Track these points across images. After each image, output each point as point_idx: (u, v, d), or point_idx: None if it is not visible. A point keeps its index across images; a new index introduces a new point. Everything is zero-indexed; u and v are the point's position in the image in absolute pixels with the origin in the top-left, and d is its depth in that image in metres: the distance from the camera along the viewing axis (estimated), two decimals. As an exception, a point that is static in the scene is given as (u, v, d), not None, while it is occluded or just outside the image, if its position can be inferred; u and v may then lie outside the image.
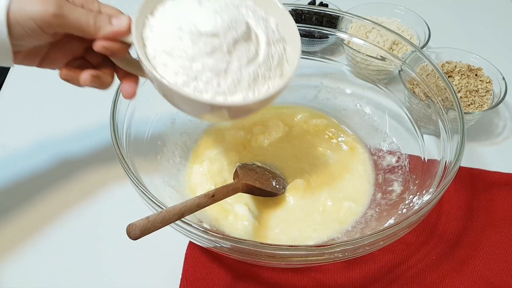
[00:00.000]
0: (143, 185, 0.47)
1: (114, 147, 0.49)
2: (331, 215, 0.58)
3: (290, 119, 0.69)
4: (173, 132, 0.64)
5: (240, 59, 0.42)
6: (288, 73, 0.45)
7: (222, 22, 0.41)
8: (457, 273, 0.55)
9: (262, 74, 0.44)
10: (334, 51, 0.77)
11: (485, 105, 0.68)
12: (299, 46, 0.46)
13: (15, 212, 0.59)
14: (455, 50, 0.74)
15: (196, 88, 0.41)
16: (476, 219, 0.60)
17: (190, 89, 0.41)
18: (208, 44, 0.41)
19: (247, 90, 0.43)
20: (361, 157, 0.65)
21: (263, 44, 0.44)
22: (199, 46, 0.41)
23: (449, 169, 0.50)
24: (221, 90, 0.42)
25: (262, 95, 0.43)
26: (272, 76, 0.45)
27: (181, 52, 0.41)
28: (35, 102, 0.73)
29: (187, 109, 0.44)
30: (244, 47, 0.43)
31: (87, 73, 0.45)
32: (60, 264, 0.55)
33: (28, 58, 0.45)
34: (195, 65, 0.41)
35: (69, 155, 0.65)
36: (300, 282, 0.54)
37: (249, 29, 0.43)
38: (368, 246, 0.44)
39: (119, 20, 0.43)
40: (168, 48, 0.41)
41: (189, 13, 0.42)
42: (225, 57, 0.42)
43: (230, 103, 0.42)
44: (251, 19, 0.45)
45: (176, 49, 0.41)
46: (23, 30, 0.40)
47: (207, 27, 0.41)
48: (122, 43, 0.43)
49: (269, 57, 0.44)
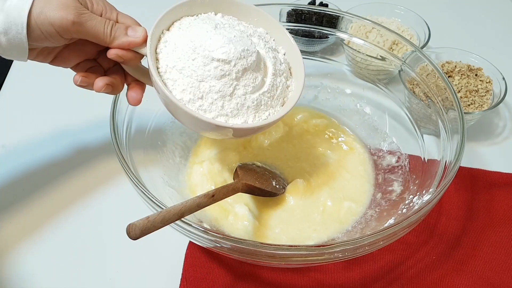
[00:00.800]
0: (143, 185, 0.47)
1: (114, 147, 0.49)
2: (331, 215, 0.58)
3: (290, 119, 0.69)
4: (173, 132, 0.64)
5: (246, 86, 0.45)
6: (289, 104, 0.49)
7: (235, 51, 0.43)
8: (457, 273, 0.55)
9: (265, 101, 0.46)
10: (334, 51, 0.77)
11: (485, 105, 0.68)
12: (302, 78, 0.49)
13: (14, 213, 0.59)
14: (455, 50, 0.74)
15: (201, 107, 0.44)
16: (476, 219, 0.60)
17: (195, 107, 0.44)
18: (218, 69, 0.43)
19: (248, 115, 0.45)
20: (361, 157, 0.65)
21: (270, 74, 0.47)
22: (209, 70, 0.43)
23: (449, 169, 0.50)
24: (224, 112, 0.44)
25: (261, 122, 0.46)
26: (274, 104, 0.48)
27: (192, 72, 0.43)
28: (35, 102, 0.73)
29: (190, 125, 0.47)
30: (252, 76, 0.45)
31: (102, 81, 0.46)
32: (60, 264, 0.55)
33: (42, 55, 0.46)
34: (203, 86, 0.43)
35: (69, 155, 0.65)
36: (300, 282, 0.54)
37: (259, 59, 0.45)
38: (368, 246, 0.44)
39: (135, 31, 0.44)
40: (180, 66, 0.43)
41: (204, 37, 0.43)
42: (232, 83, 0.44)
43: (230, 125, 0.44)
44: (262, 49, 0.47)
45: (187, 68, 0.43)
46: (42, 33, 0.41)
47: (221, 55, 0.43)
48: (135, 53, 0.45)
49: (273, 87, 0.47)
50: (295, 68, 0.50)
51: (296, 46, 0.50)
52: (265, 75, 0.46)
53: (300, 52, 0.50)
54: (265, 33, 0.50)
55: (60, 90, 0.74)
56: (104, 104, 0.53)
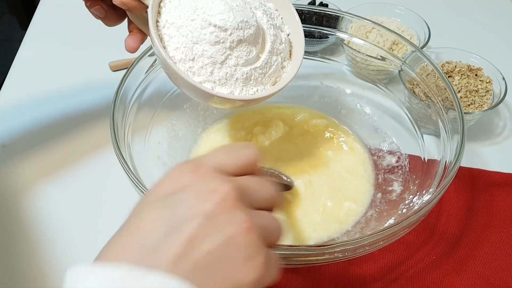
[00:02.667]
0: (143, 185, 0.47)
1: (114, 147, 0.49)
2: (331, 215, 0.58)
3: (290, 119, 0.69)
4: (173, 132, 0.64)
5: (238, 58, 0.44)
6: (279, 85, 0.48)
7: (233, 21, 0.43)
8: (457, 273, 0.55)
9: (255, 77, 0.46)
10: (334, 51, 0.77)
11: (485, 105, 0.68)
12: (299, 61, 0.49)
13: (14, 212, 0.59)
14: (455, 50, 0.74)
15: (191, 68, 0.44)
16: (476, 219, 0.60)
17: (184, 68, 0.44)
18: (213, 35, 0.43)
19: (235, 86, 0.45)
20: (361, 157, 0.65)
21: (266, 51, 0.46)
22: (205, 33, 0.43)
23: (449, 169, 0.50)
24: (212, 79, 0.44)
25: (247, 96, 0.46)
26: (265, 82, 0.47)
27: (188, 32, 0.43)
28: (35, 102, 0.73)
29: (176, 83, 0.47)
30: (247, 49, 0.44)
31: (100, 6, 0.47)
32: (61, 264, 0.55)
33: None
34: (196, 48, 0.43)
35: (68, 155, 0.65)
36: (300, 282, 0.54)
37: (257, 34, 0.45)
38: (368, 246, 0.44)
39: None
40: (178, 24, 0.44)
41: (208, 0, 0.43)
42: (225, 52, 0.44)
43: (215, 93, 0.44)
44: (264, 24, 0.47)
45: (185, 27, 0.43)
46: None
47: (218, 21, 0.42)
48: (139, 2, 0.45)
49: (267, 64, 0.47)
50: (296, 51, 0.50)
51: (301, 30, 0.49)
52: (261, 51, 0.46)
53: (304, 37, 0.49)
54: (274, 9, 0.50)
55: (61, 91, 0.74)
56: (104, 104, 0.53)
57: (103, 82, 0.75)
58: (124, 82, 0.54)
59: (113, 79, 0.75)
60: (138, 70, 0.57)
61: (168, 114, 0.64)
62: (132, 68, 0.56)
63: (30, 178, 0.62)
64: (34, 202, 0.60)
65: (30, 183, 0.62)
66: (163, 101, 0.63)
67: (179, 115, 0.65)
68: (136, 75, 0.57)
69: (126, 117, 0.55)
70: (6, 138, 0.67)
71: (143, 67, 0.58)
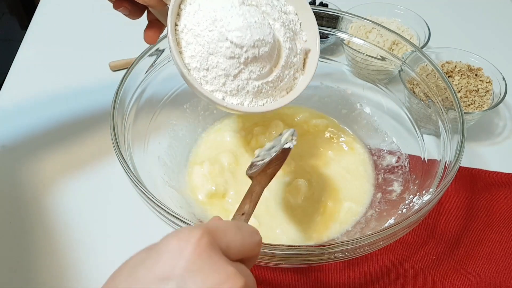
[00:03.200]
0: (143, 185, 0.47)
1: (114, 147, 0.49)
2: (331, 216, 0.58)
3: (290, 119, 0.69)
4: (173, 132, 0.64)
5: (251, 72, 0.45)
6: (288, 98, 0.49)
7: (250, 39, 0.43)
8: (457, 273, 0.55)
9: (266, 90, 0.47)
10: (334, 51, 0.77)
11: (485, 105, 0.68)
12: (311, 74, 0.49)
13: (14, 212, 0.59)
14: (455, 50, 0.74)
15: (204, 77, 0.44)
16: (476, 219, 0.60)
17: (199, 76, 0.45)
18: (229, 50, 0.43)
19: (245, 98, 0.46)
20: (361, 157, 0.65)
21: (279, 65, 0.47)
22: (221, 47, 0.43)
23: (449, 169, 0.50)
24: (224, 89, 0.45)
25: (256, 108, 0.47)
26: (275, 94, 0.48)
27: (205, 42, 0.43)
28: (35, 102, 0.73)
29: (189, 86, 0.47)
30: (260, 64, 0.45)
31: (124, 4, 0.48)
32: (61, 264, 0.55)
33: None
34: (211, 59, 0.44)
35: (69, 154, 0.65)
36: (300, 282, 0.54)
37: (272, 49, 0.45)
38: (368, 246, 0.44)
39: None
40: (196, 32, 0.44)
41: (227, 13, 0.43)
42: (239, 66, 0.44)
43: (225, 104, 0.45)
44: (281, 37, 0.47)
45: (203, 37, 0.43)
46: None
47: (235, 38, 0.43)
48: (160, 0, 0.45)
49: (279, 78, 0.47)
50: (309, 61, 0.50)
51: (318, 37, 0.49)
52: (274, 65, 0.47)
53: (319, 44, 0.49)
54: (293, 14, 0.49)
55: (61, 91, 0.74)
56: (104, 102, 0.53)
57: (103, 82, 0.75)
58: (124, 82, 0.54)
59: (113, 79, 0.75)
60: (138, 70, 0.57)
61: (168, 114, 0.64)
62: (132, 68, 0.56)
63: (30, 178, 0.63)
64: (34, 202, 0.60)
65: (30, 182, 0.62)
66: (163, 101, 0.63)
67: (179, 115, 0.65)
68: (136, 75, 0.57)
69: (126, 117, 0.55)
70: (6, 138, 0.67)
71: (143, 67, 0.58)
